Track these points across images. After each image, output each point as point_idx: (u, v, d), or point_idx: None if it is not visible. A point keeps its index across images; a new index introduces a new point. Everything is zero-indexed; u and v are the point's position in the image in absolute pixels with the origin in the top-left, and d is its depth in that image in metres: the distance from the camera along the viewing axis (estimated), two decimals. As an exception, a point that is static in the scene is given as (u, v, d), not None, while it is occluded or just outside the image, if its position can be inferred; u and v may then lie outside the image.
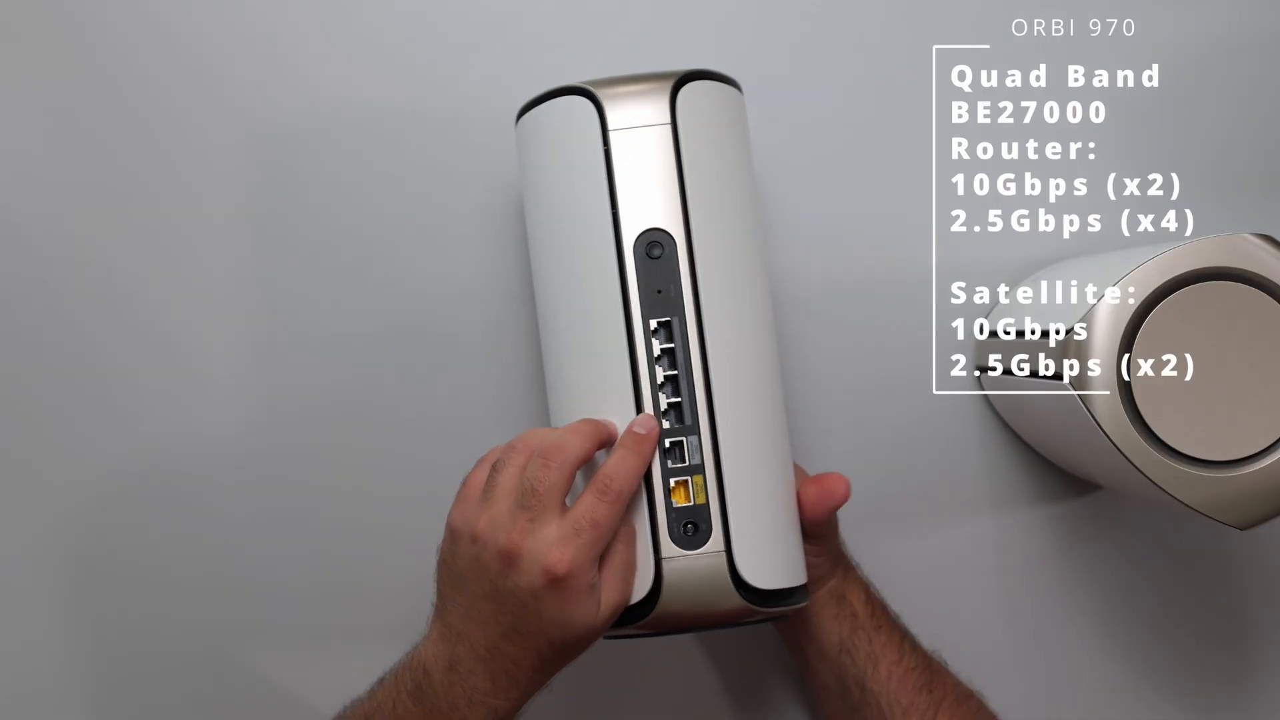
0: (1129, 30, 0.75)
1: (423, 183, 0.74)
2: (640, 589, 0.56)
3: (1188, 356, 0.56)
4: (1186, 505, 0.57)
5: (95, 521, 0.74)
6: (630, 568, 0.56)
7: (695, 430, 0.57)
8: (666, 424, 0.57)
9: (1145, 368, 0.56)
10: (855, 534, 0.70)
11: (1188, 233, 0.70)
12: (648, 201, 0.58)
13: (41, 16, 0.74)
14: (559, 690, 0.58)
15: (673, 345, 0.57)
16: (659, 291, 0.57)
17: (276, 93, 0.74)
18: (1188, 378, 0.57)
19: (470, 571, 0.55)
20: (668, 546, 0.56)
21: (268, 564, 0.74)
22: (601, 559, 0.55)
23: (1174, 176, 0.75)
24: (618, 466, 0.55)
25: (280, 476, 0.74)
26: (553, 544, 0.53)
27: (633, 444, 0.56)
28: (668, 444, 0.57)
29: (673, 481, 0.57)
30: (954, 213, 0.74)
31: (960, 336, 0.74)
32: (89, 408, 0.74)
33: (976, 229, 0.74)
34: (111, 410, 0.74)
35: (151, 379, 0.74)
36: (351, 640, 0.73)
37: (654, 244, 0.58)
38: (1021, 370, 0.65)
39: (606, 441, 0.57)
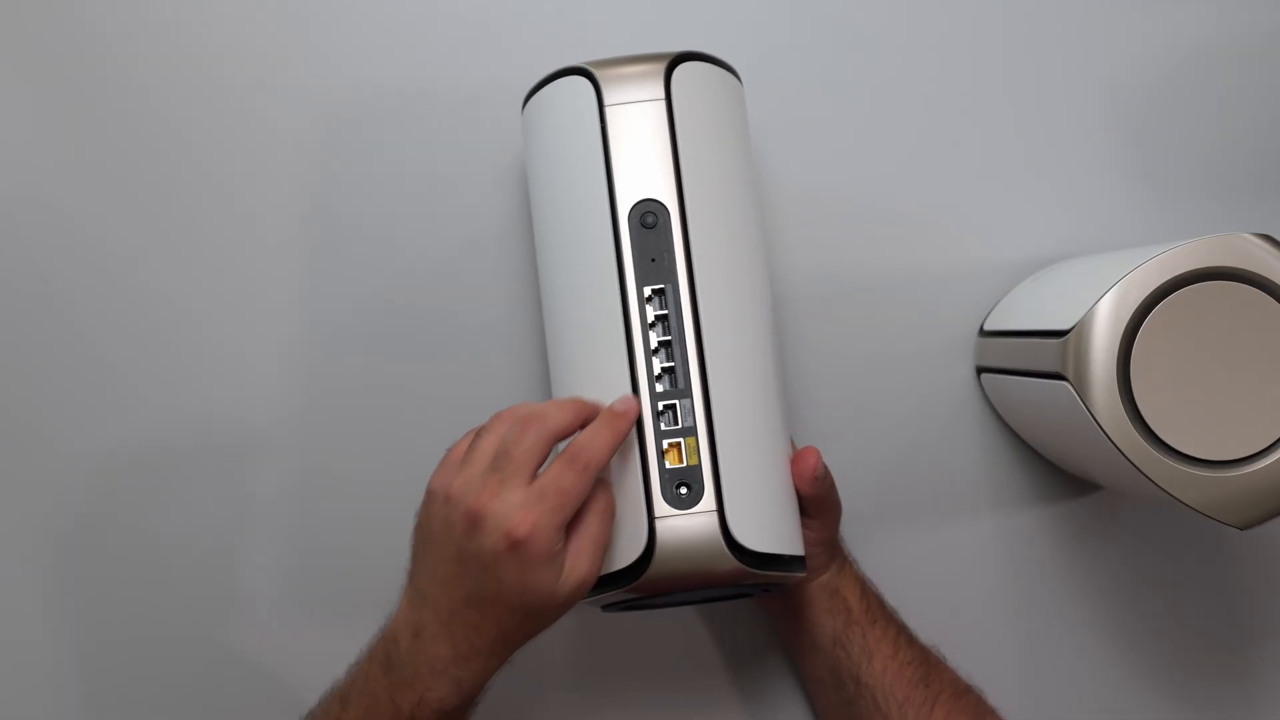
0: (1127, 31, 0.75)
1: (434, 172, 0.74)
2: (633, 550, 0.57)
3: (1188, 356, 0.56)
4: (1186, 505, 0.57)
5: (93, 501, 0.74)
6: (602, 543, 0.56)
7: (688, 394, 0.58)
8: (660, 388, 0.58)
9: (1145, 368, 0.56)
10: (855, 532, 0.71)
11: (1187, 233, 0.70)
12: (642, 173, 0.60)
13: (52, 20, 0.74)
14: (559, 670, 0.58)
15: (666, 312, 0.59)
16: (653, 260, 0.59)
17: (282, 84, 0.74)
18: (1188, 378, 0.57)
19: (440, 532, 0.56)
20: (660, 507, 0.57)
21: (273, 546, 0.74)
22: (572, 531, 0.55)
23: (1173, 176, 0.75)
24: (590, 439, 0.56)
25: (285, 460, 0.74)
26: (517, 507, 0.53)
27: (609, 419, 0.57)
28: (660, 407, 0.58)
29: (665, 444, 0.58)
30: (954, 212, 0.75)
31: (960, 336, 0.74)
32: (99, 391, 0.74)
33: (977, 229, 0.74)
34: (115, 393, 0.74)
35: (164, 363, 0.74)
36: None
37: (648, 214, 0.59)
38: (1021, 370, 0.65)
39: (590, 420, 0.57)
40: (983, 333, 0.73)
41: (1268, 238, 0.57)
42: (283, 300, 0.74)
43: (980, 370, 0.74)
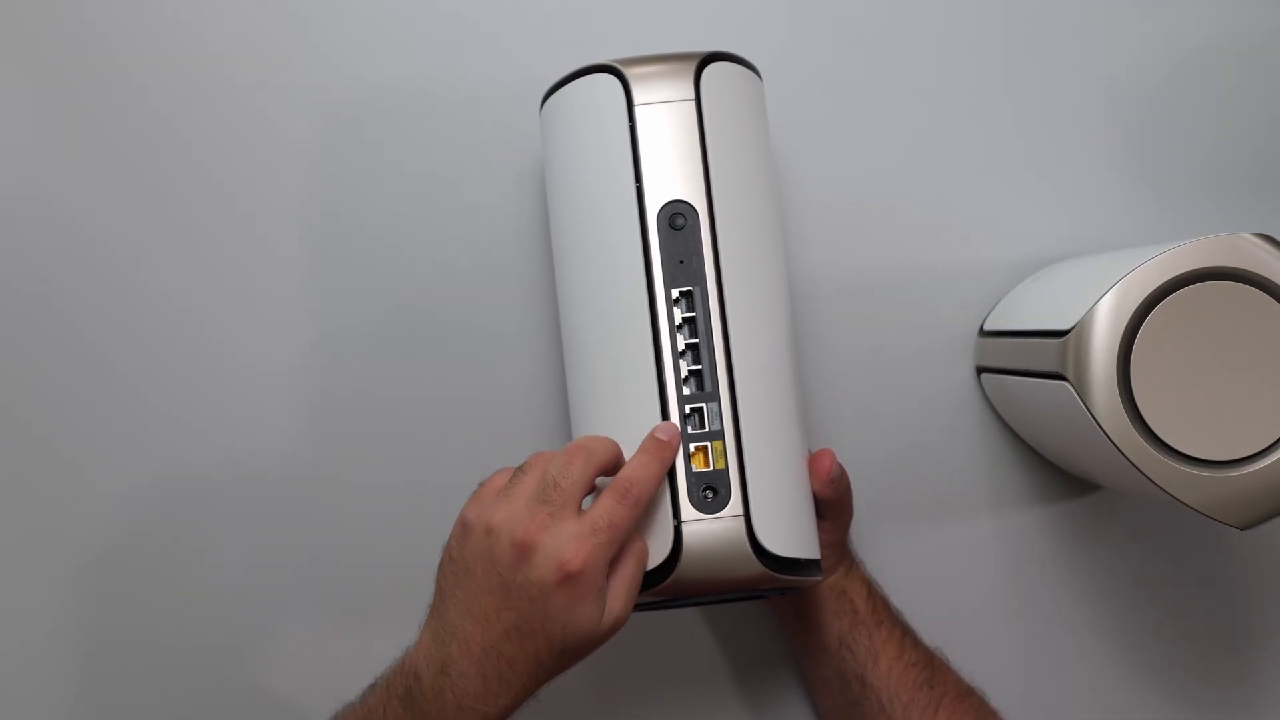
0: (1127, 31, 0.75)
1: (436, 173, 0.74)
2: (659, 554, 0.57)
3: (1188, 356, 0.56)
4: (1186, 505, 0.57)
5: (92, 501, 0.74)
6: (637, 586, 0.56)
7: (715, 397, 0.58)
8: (687, 390, 0.58)
9: (1145, 368, 0.56)
10: (855, 533, 0.71)
11: (1187, 233, 0.70)
12: (671, 174, 0.59)
13: (52, 20, 0.74)
14: (567, 675, 0.58)
15: (694, 314, 0.58)
16: (681, 262, 0.59)
17: (282, 84, 0.74)
18: (1188, 378, 0.57)
19: (479, 564, 0.55)
20: (687, 511, 0.57)
21: (290, 560, 0.74)
22: (612, 572, 0.55)
23: (1173, 176, 0.75)
24: (639, 471, 0.56)
25: (287, 461, 0.74)
26: (569, 540, 0.53)
27: (654, 449, 0.56)
28: (688, 410, 0.58)
29: (693, 447, 0.57)
30: (954, 212, 0.75)
31: (960, 336, 0.74)
32: (99, 392, 0.74)
33: (977, 229, 0.74)
34: (116, 394, 0.74)
35: (164, 363, 0.74)
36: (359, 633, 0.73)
37: (677, 215, 0.59)
38: (1021, 370, 0.65)
39: (621, 461, 0.57)
40: (983, 333, 0.73)
41: (1268, 238, 0.57)
42: (284, 301, 0.74)
43: (980, 370, 0.74)
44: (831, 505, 0.64)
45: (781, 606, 0.71)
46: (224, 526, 0.74)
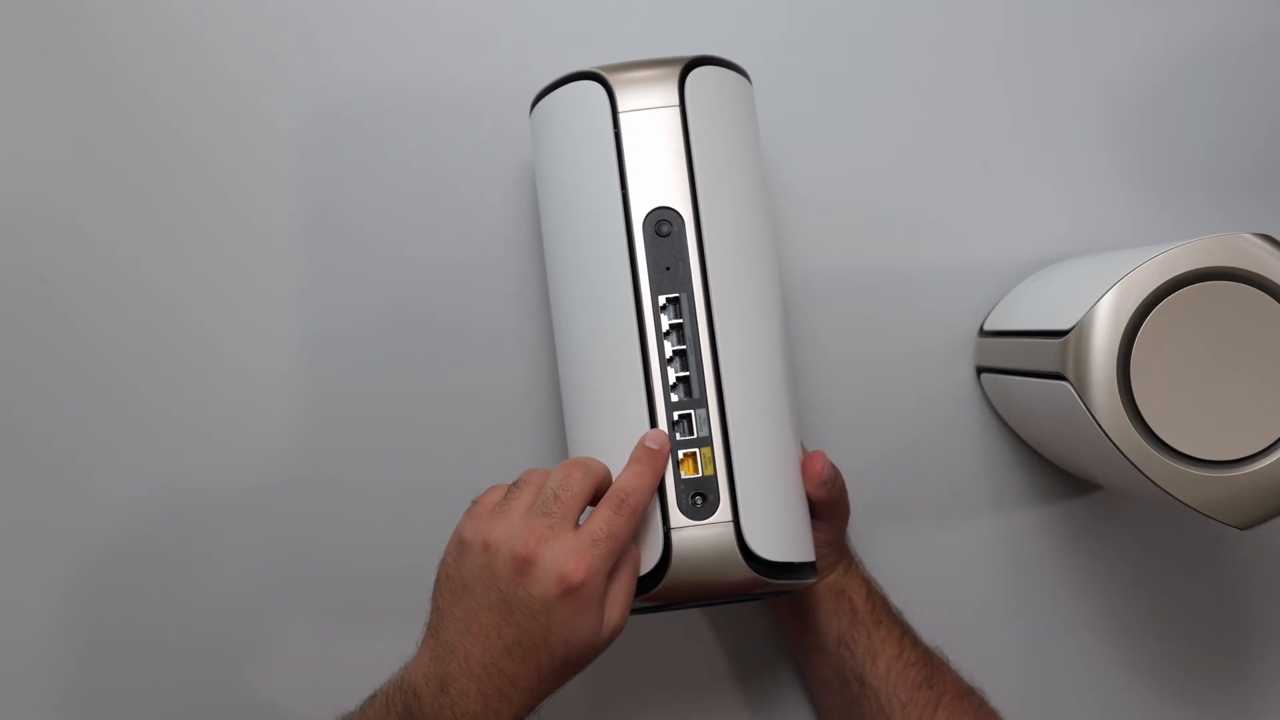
0: (1127, 31, 0.75)
1: (435, 173, 0.74)
2: (649, 561, 0.57)
3: (1188, 356, 0.56)
4: (1186, 505, 0.57)
5: (91, 501, 0.74)
6: (632, 594, 0.56)
7: (703, 404, 0.58)
8: (675, 397, 0.58)
9: (1145, 368, 0.56)
10: (855, 532, 0.71)
11: (1187, 233, 0.70)
12: (656, 181, 0.59)
13: (52, 20, 0.74)
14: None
15: (681, 321, 0.59)
16: (667, 268, 0.59)
17: (282, 84, 0.74)
18: (1188, 378, 0.57)
19: (478, 580, 0.55)
20: (676, 518, 0.57)
21: (288, 560, 0.74)
22: (609, 581, 0.55)
23: (1173, 176, 0.75)
24: (633, 481, 0.56)
25: (285, 462, 0.74)
26: (569, 553, 0.53)
27: (647, 459, 0.57)
28: (676, 416, 0.58)
29: (681, 454, 0.58)
30: (954, 212, 0.75)
31: (960, 336, 0.74)
32: (99, 391, 0.74)
33: (977, 229, 0.74)
34: (116, 394, 0.74)
35: (165, 363, 0.74)
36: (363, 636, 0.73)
37: (663, 222, 0.59)
38: (1021, 370, 0.65)
39: (610, 483, 0.57)
40: (983, 333, 0.73)
41: (1268, 238, 0.57)
42: (284, 301, 0.74)
43: (980, 370, 0.74)
44: (826, 506, 0.64)
45: (780, 606, 0.71)
46: (223, 526, 0.74)
